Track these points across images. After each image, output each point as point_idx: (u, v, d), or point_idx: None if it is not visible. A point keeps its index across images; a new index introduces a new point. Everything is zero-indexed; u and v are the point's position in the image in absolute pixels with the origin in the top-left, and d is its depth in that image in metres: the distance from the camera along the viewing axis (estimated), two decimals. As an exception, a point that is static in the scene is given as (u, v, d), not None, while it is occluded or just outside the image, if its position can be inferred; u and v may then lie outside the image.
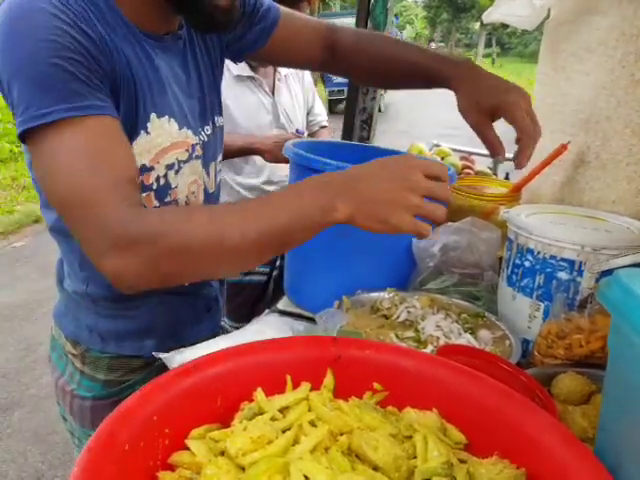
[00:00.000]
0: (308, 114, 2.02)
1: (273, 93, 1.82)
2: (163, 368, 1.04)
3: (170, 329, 1.02)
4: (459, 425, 0.57)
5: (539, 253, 0.84)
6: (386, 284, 1.02)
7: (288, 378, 0.61)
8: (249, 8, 0.99)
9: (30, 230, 4.93)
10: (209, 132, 0.96)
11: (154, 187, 0.85)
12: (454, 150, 2.12)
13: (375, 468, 0.48)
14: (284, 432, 0.52)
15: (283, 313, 1.09)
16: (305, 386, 0.60)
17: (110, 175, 0.67)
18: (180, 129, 0.86)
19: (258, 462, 0.47)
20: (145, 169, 0.82)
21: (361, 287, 1.01)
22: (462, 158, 1.94)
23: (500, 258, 1.00)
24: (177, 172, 0.87)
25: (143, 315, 0.98)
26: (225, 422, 0.57)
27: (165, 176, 0.85)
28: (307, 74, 1.98)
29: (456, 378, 0.59)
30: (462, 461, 0.53)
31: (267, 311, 1.10)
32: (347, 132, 1.74)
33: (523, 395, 0.61)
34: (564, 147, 1.10)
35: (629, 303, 0.45)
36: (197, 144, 0.91)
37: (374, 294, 1.00)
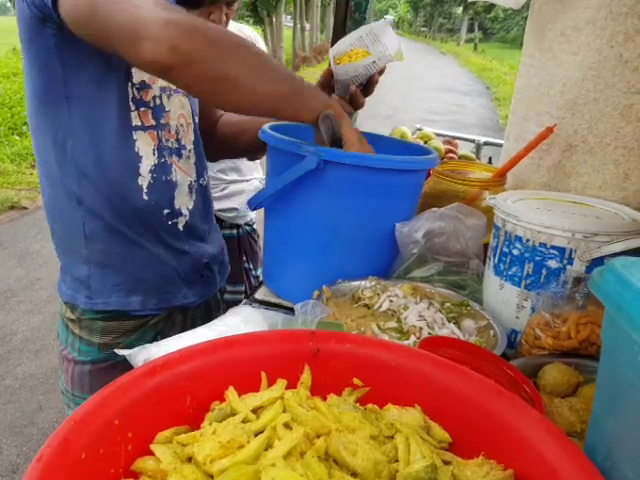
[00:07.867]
0: None
1: None
2: (157, 328, 1.10)
3: (156, 284, 1.06)
4: (443, 422, 0.54)
5: (528, 241, 0.81)
6: (368, 272, 0.98)
7: (263, 375, 0.57)
8: None
9: (6, 217, 4.79)
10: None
11: (151, 105, 0.98)
12: (437, 134, 2.09)
13: (354, 474, 0.45)
14: (257, 435, 0.48)
15: (262, 303, 1.05)
16: (281, 384, 0.56)
17: None
18: None
19: (227, 470, 0.43)
20: (145, 85, 0.96)
21: (342, 275, 0.97)
22: (445, 142, 1.91)
23: (485, 245, 0.97)
24: (169, 97, 1.01)
25: (131, 264, 1.02)
26: (195, 423, 0.53)
27: (160, 97, 0.99)
28: None
29: (440, 373, 0.56)
30: (446, 462, 0.50)
31: (245, 301, 1.06)
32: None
33: (509, 389, 0.58)
34: (550, 130, 1.06)
35: (626, 295, 0.41)
36: None
37: (355, 282, 0.96)
